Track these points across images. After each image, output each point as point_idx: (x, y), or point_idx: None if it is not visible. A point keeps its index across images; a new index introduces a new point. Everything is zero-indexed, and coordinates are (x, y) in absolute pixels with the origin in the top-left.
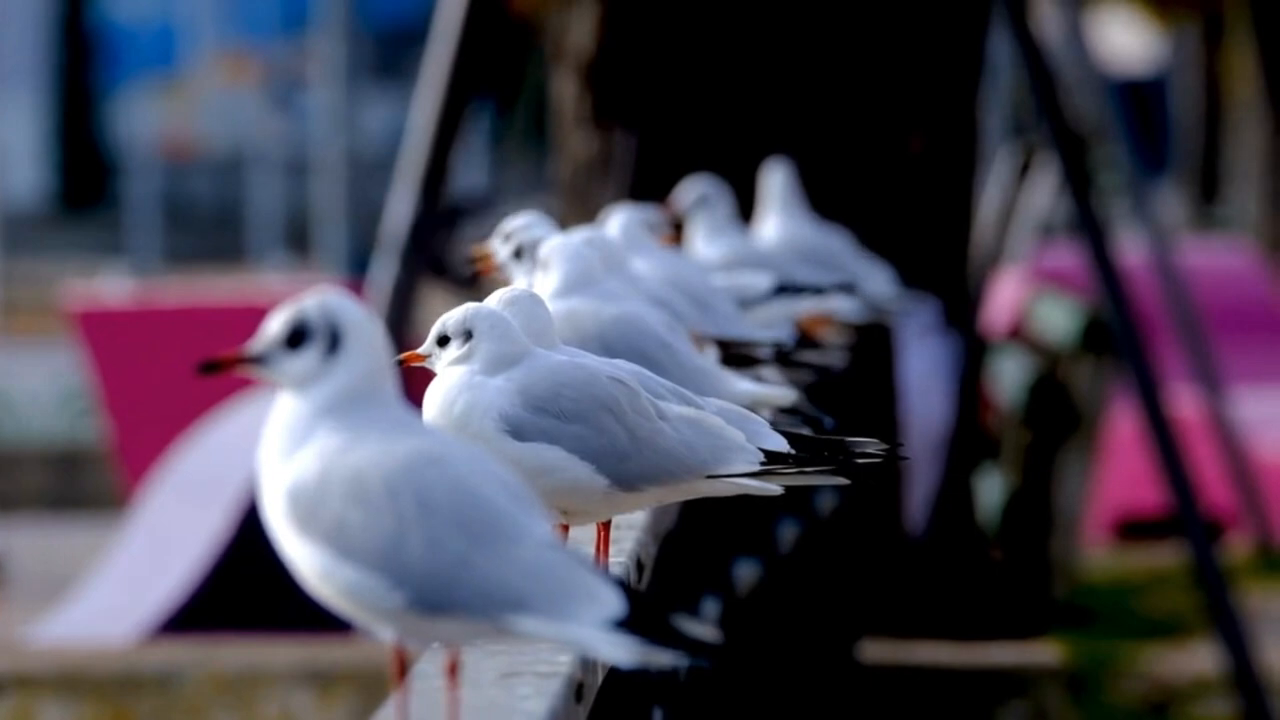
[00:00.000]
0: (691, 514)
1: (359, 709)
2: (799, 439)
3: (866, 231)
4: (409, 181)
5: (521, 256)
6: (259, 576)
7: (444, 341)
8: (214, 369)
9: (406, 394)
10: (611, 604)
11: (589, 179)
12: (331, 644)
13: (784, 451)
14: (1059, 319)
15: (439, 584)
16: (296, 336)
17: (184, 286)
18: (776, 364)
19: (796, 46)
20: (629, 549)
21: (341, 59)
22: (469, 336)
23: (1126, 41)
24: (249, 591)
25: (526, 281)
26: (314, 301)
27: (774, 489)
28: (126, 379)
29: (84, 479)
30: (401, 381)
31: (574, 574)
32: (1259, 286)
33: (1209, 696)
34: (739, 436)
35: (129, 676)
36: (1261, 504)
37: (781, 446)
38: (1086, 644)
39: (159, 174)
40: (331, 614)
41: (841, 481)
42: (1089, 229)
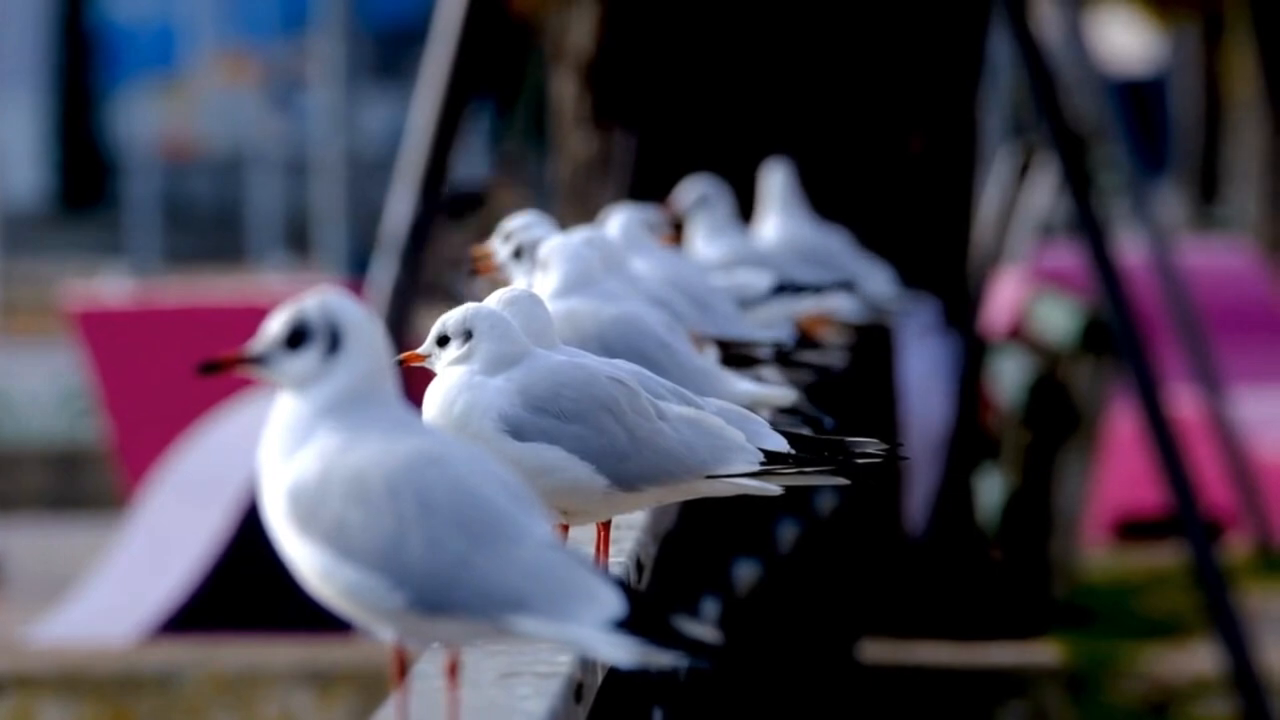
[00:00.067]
0: (691, 514)
1: (359, 709)
2: (799, 439)
3: (866, 231)
4: (409, 181)
5: (521, 256)
6: (259, 576)
7: (444, 341)
8: (214, 369)
9: (406, 394)
10: (612, 604)
11: (589, 179)
12: (331, 644)
13: (784, 451)
14: (1059, 319)
15: (439, 584)
16: (297, 337)
17: (184, 286)
18: (776, 364)
19: (796, 46)
20: (629, 549)
21: (341, 59)
22: (469, 336)
23: (1126, 41)
24: (249, 591)
25: (526, 281)
26: (314, 302)
27: (774, 489)
28: (126, 379)
29: (84, 479)
30: (401, 381)
31: (574, 574)
32: (1259, 286)
33: (1208, 696)
34: (739, 436)
35: (129, 676)
36: (1261, 504)
37: (781, 446)
38: (1086, 644)
39: (159, 174)
40: (331, 614)
41: (841, 481)
42: (1089, 229)
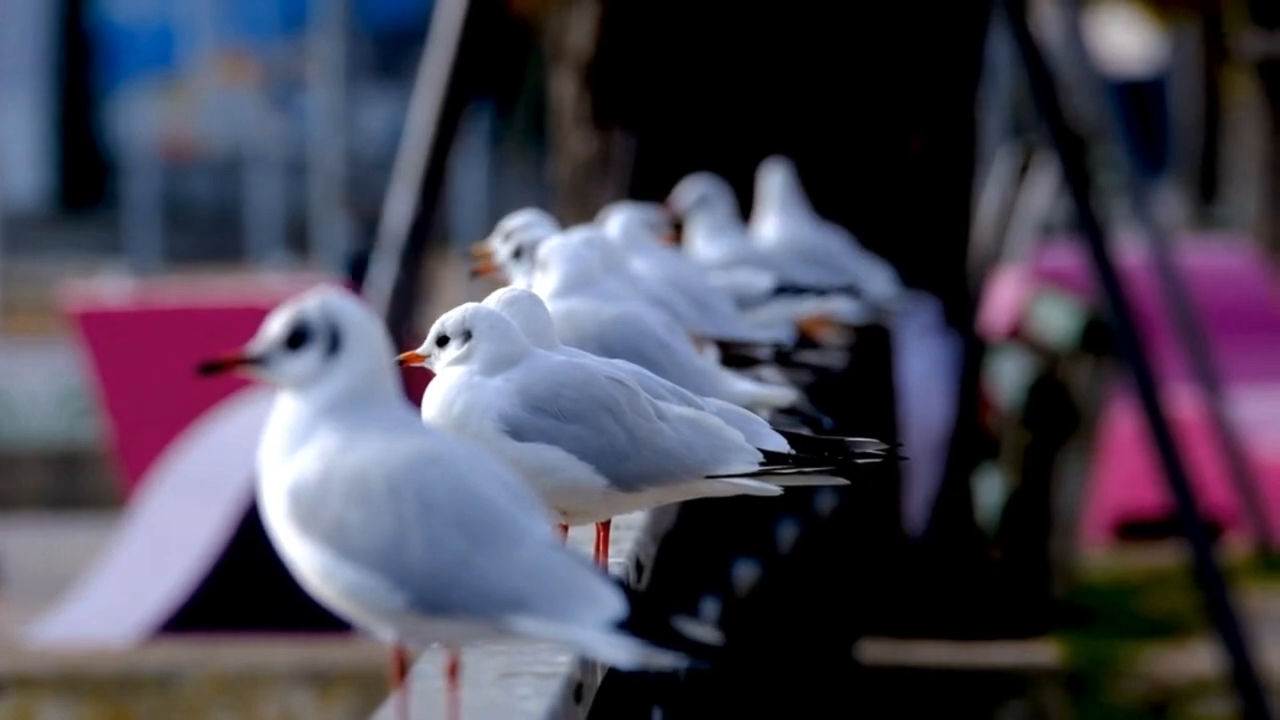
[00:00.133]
0: (691, 514)
1: (359, 709)
2: (798, 439)
3: (866, 231)
4: (408, 182)
5: (521, 256)
6: (259, 576)
7: (443, 342)
8: (214, 370)
9: (406, 394)
10: (612, 605)
11: (588, 179)
12: (331, 644)
13: (783, 452)
14: (1059, 319)
15: (439, 584)
16: (297, 337)
17: (184, 286)
18: (776, 364)
19: (796, 46)
20: (628, 549)
21: (341, 59)
22: (468, 336)
23: (1126, 41)
24: (249, 591)
25: (526, 281)
26: (314, 302)
27: (773, 489)
28: (126, 379)
29: (83, 479)
30: (401, 381)
31: (574, 575)
32: (1258, 286)
33: (1208, 697)
34: (738, 437)
35: (129, 676)
36: (1261, 504)
37: (781, 447)
38: (1086, 644)
39: (158, 174)
40: (331, 614)
41: (841, 482)
42: (1088, 229)
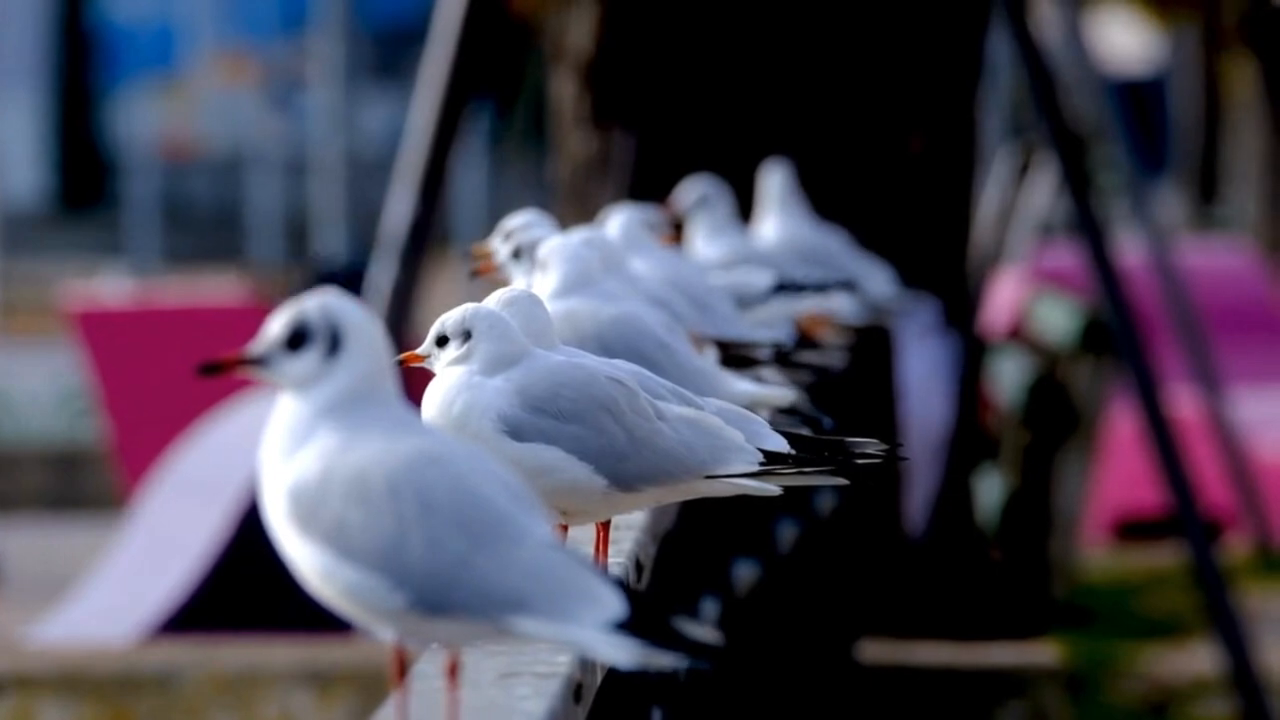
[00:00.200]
0: (690, 514)
1: (359, 709)
2: (798, 439)
3: (866, 231)
4: (408, 182)
5: (520, 257)
6: (259, 576)
7: (442, 342)
8: (214, 370)
9: (406, 394)
10: (612, 605)
11: (588, 179)
12: (331, 644)
13: (783, 452)
14: (1058, 319)
15: (439, 584)
16: (297, 338)
17: (183, 286)
18: (776, 365)
19: (796, 46)
20: (628, 549)
21: (340, 59)
22: (468, 337)
23: (1126, 42)
24: (249, 591)
25: (525, 282)
26: (314, 303)
27: (773, 489)
28: (126, 379)
29: (83, 479)
30: (401, 382)
31: (574, 575)
32: (1258, 287)
33: (1208, 697)
34: (738, 437)
35: (129, 676)
36: (1260, 504)
37: (781, 447)
38: (1086, 644)
39: (158, 174)
40: (331, 614)
41: (841, 482)
42: (1088, 229)
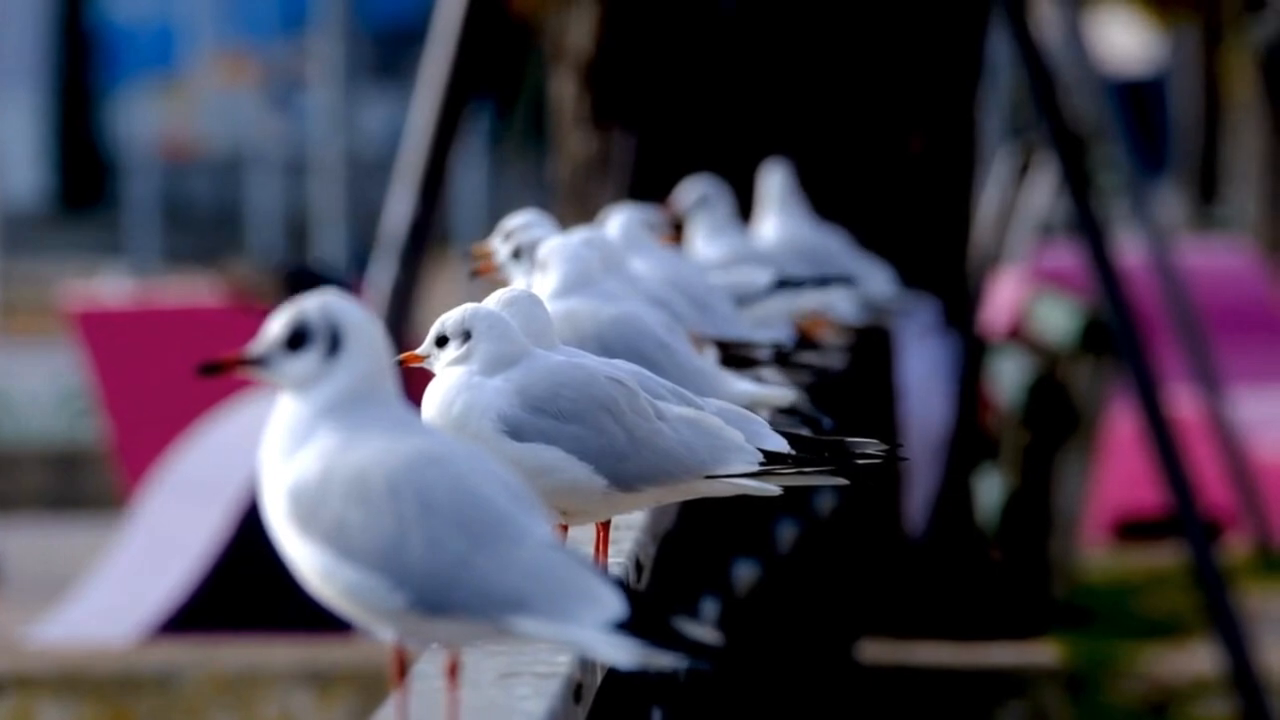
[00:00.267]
0: (690, 514)
1: (359, 709)
2: (798, 439)
3: (866, 231)
4: (408, 182)
5: (520, 257)
6: (259, 576)
7: (442, 342)
8: (214, 370)
9: (406, 394)
10: (612, 605)
11: (588, 179)
12: (331, 644)
13: (783, 452)
14: (1058, 319)
15: (439, 584)
16: (297, 338)
17: (183, 286)
18: (776, 365)
19: (796, 46)
20: (628, 549)
21: (340, 59)
22: (467, 337)
23: (1125, 42)
24: (249, 591)
25: (525, 282)
26: (314, 303)
27: (773, 489)
28: (126, 379)
29: (83, 479)
30: (401, 382)
31: (575, 575)
32: (1258, 287)
33: (1208, 697)
34: (738, 437)
35: (128, 676)
36: (1260, 504)
37: (781, 447)
38: (1085, 644)
39: (158, 174)
40: (331, 614)
41: (841, 482)
42: (1088, 229)
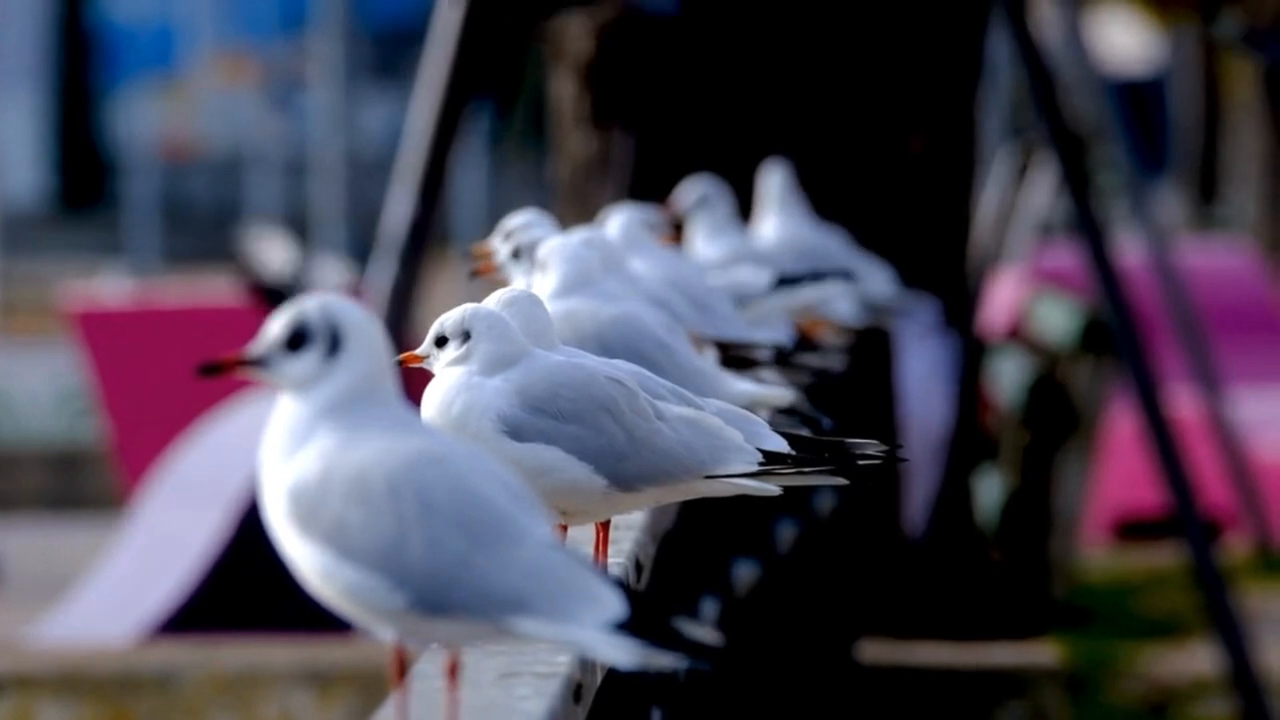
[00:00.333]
0: (690, 514)
1: (358, 709)
2: (798, 440)
3: (866, 231)
4: (408, 182)
5: (520, 257)
6: (258, 576)
7: (442, 342)
8: (214, 370)
9: (406, 394)
10: (612, 606)
11: (588, 179)
12: (331, 644)
13: (783, 452)
14: (1058, 319)
15: (439, 584)
16: (297, 338)
17: (183, 287)
18: (776, 365)
19: (796, 46)
20: (628, 549)
21: (340, 59)
22: (467, 337)
23: (1125, 42)
24: (248, 591)
25: (525, 282)
26: (314, 303)
27: (772, 489)
28: (126, 379)
29: (83, 479)
30: (401, 382)
31: (575, 575)
32: (1258, 287)
33: (1208, 697)
34: (737, 437)
35: (128, 677)
36: (1260, 504)
37: (780, 447)
38: (1085, 644)
39: (158, 174)
40: (331, 614)
41: (840, 482)
42: (1088, 229)
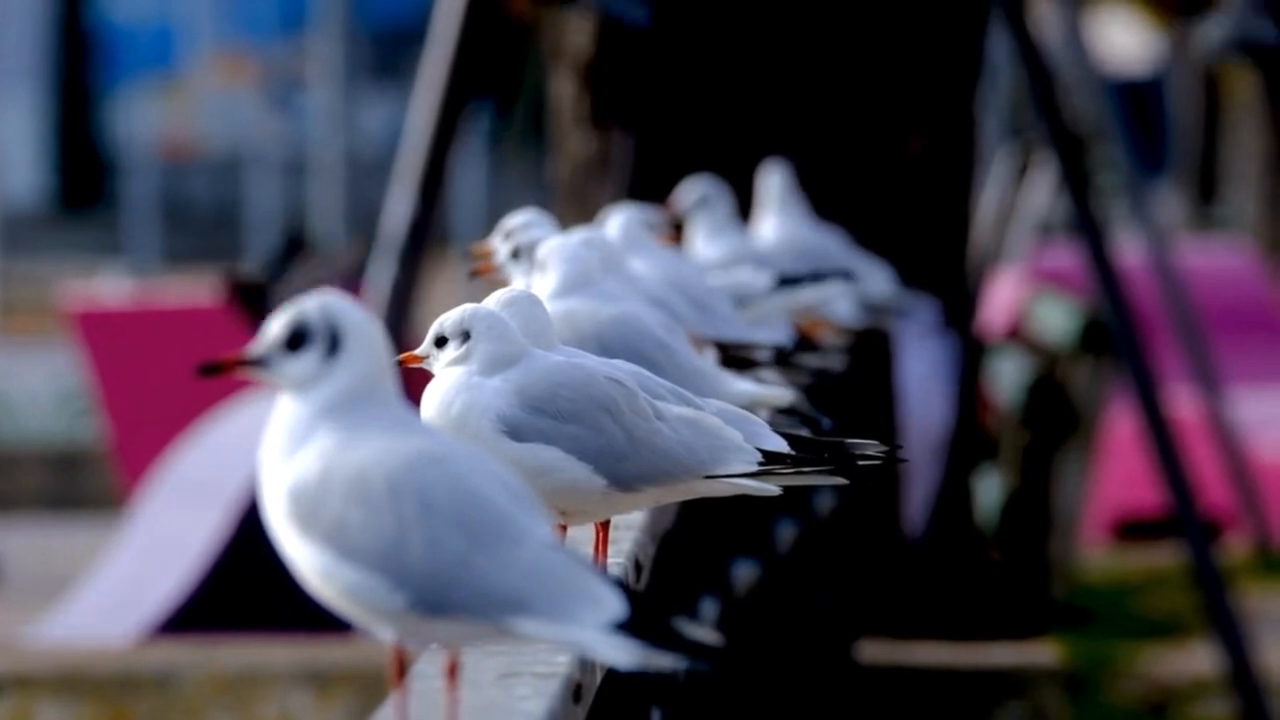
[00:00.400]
0: (690, 514)
1: (358, 709)
2: (798, 440)
3: (866, 231)
4: (407, 182)
5: (519, 257)
6: (258, 576)
7: (441, 342)
8: (214, 371)
9: (406, 394)
10: (612, 606)
11: (587, 179)
12: (331, 644)
13: (782, 452)
14: (1057, 319)
15: (440, 585)
16: (296, 338)
17: (183, 286)
18: (775, 366)
19: (795, 46)
20: (627, 549)
21: (340, 59)
22: (466, 337)
23: (1125, 42)
24: (248, 591)
25: (524, 282)
26: (314, 303)
27: (772, 489)
28: (125, 379)
29: (82, 479)
30: (401, 382)
31: (575, 576)
32: (1257, 287)
33: (1207, 697)
34: (737, 437)
35: (128, 677)
36: (1260, 504)
37: (780, 447)
38: (1085, 644)
39: (157, 174)
40: (331, 614)
41: (840, 482)
42: (1087, 229)
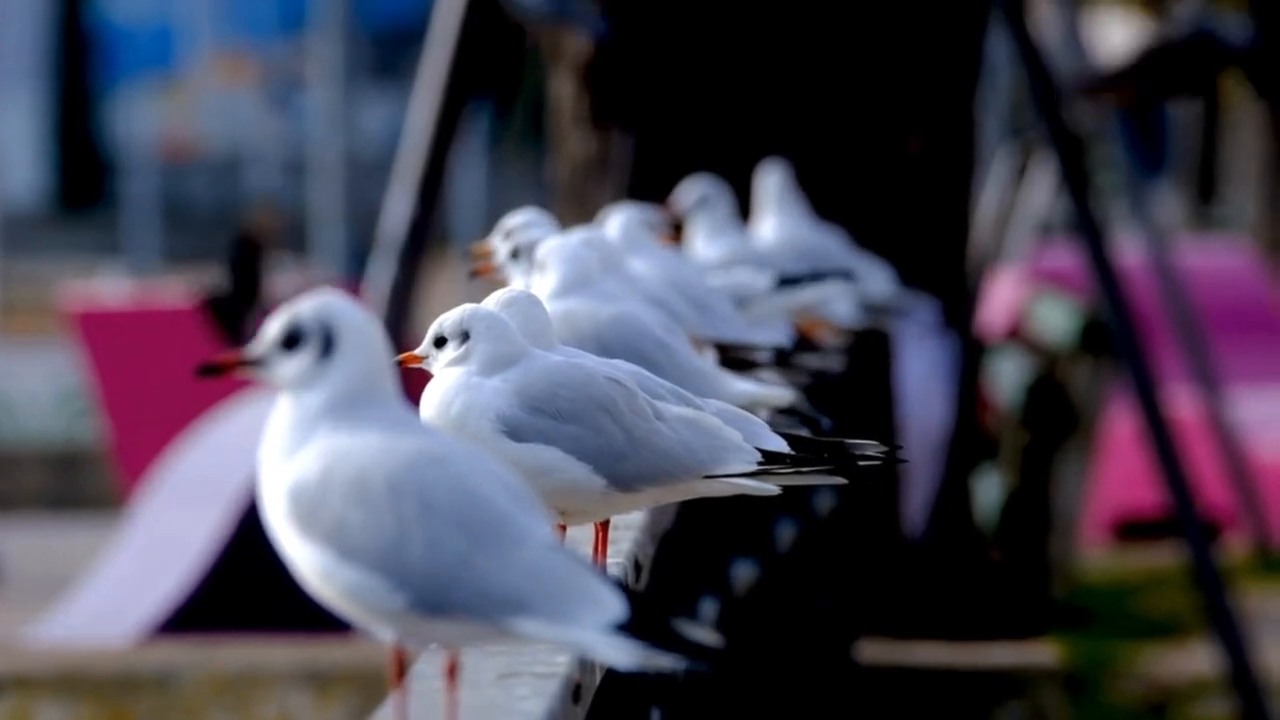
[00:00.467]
0: (689, 514)
1: (357, 710)
2: (797, 440)
3: (866, 231)
4: (407, 182)
5: (519, 257)
6: (258, 576)
7: (441, 342)
8: (213, 371)
9: (405, 395)
10: (612, 607)
11: (587, 179)
12: (330, 644)
13: (782, 452)
14: (1057, 319)
15: (440, 585)
16: (292, 339)
17: (183, 287)
18: (775, 366)
19: (795, 46)
20: (627, 549)
21: (339, 59)
22: (466, 338)
23: (1125, 42)
24: (248, 591)
25: (524, 282)
26: (310, 304)
27: (771, 489)
28: (125, 379)
29: (82, 479)
30: (401, 382)
31: (575, 576)
32: (1257, 287)
33: (1207, 697)
34: (736, 437)
35: (128, 677)
36: (1259, 504)
37: (780, 447)
38: (1085, 644)
39: (157, 174)
40: (331, 614)
41: (839, 482)
42: (1087, 229)
